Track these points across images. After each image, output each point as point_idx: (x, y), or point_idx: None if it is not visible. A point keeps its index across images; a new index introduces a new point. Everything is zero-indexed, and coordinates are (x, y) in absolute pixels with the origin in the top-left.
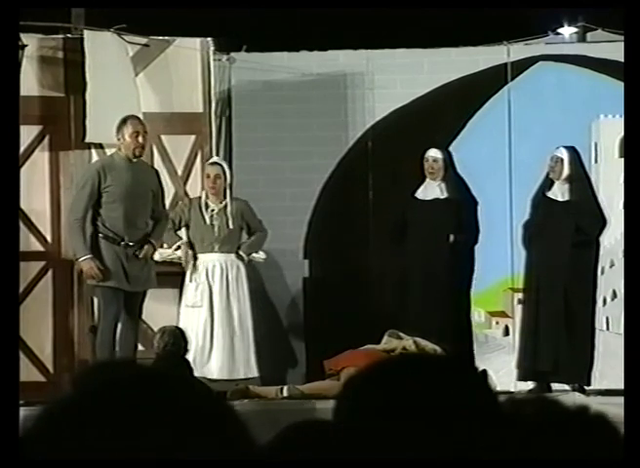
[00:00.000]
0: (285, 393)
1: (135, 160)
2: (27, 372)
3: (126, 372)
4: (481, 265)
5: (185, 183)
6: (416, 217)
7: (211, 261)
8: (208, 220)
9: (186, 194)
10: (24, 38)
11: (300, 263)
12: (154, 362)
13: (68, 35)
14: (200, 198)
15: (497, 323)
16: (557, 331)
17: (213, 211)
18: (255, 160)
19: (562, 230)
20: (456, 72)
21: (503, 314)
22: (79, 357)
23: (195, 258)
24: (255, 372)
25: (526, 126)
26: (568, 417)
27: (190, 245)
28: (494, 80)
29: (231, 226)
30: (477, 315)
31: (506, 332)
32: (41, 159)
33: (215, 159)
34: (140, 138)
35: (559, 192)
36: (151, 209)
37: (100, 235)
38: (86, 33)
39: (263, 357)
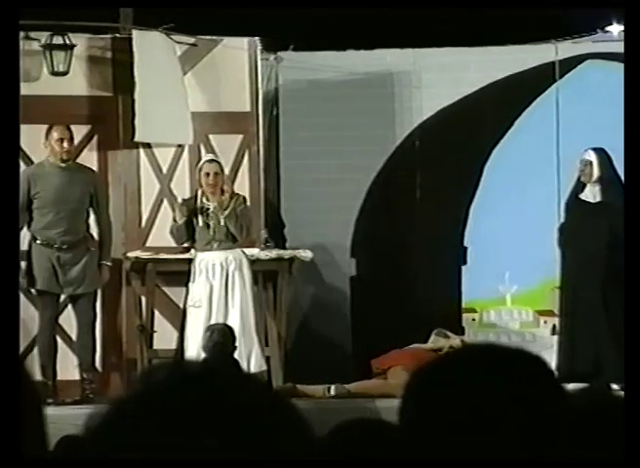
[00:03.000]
0: (332, 392)
1: (64, 165)
2: (73, 371)
3: (190, 371)
4: (528, 264)
5: (233, 182)
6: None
7: (210, 260)
8: (206, 218)
9: (235, 193)
10: (73, 38)
11: (347, 262)
12: (204, 360)
13: (117, 35)
14: (196, 196)
15: (545, 322)
16: (596, 331)
17: (209, 208)
18: (302, 159)
19: (596, 231)
20: (503, 71)
21: (551, 313)
22: (127, 355)
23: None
24: (262, 366)
25: (574, 124)
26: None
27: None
28: (541, 78)
29: (230, 224)
30: (525, 314)
31: (554, 331)
32: (89, 158)
33: (211, 156)
34: (66, 144)
35: (591, 194)
36: (92, 212)
37: (36, 240)
38: (134, 33)
39: (312, 356)
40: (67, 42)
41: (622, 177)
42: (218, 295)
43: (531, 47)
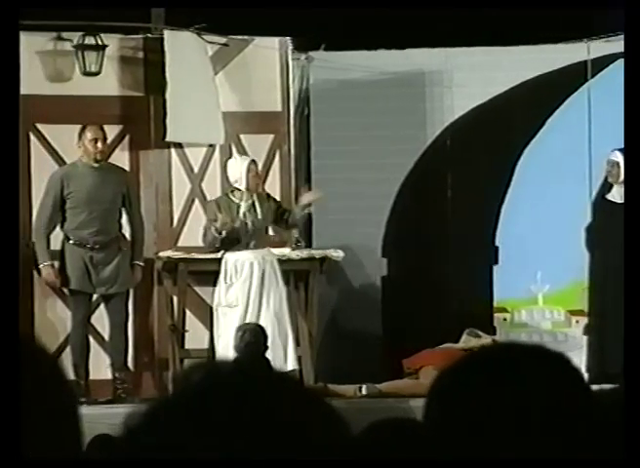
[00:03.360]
0: (364, 392)
1: (97, 165)
2: (106, 370)
3: (224, 372)
4: (560, 264)
5: (264, 182)
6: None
7: (247, 259)
8: (240, 218)
9: (265, 192)
10: (105, 38)
11: (378, 262)
12: (237, 361)
13: (148, 35)
14: (230, 198)
15: (576, 321)
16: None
17: (244, 208)
18: (333, 159)
19: (623, 231)
20: (534, 70)
21: (583, 313)
22: (159, 355)
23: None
24: (294, 365)
25: (606, 124)
26: None
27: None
28: (573, 78)
29: (264, 222)
30: (557, 314)
31: (586, 331)
32: (121, 158)
33: (252, 157)
34: (100, 144)
35: (618, 195)
36: (125, 212)
37: (69, 240)
38: (166, 33)
39: (343, 356)
40: (99, 42)
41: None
42: (255, 295)
43: (562, 46)
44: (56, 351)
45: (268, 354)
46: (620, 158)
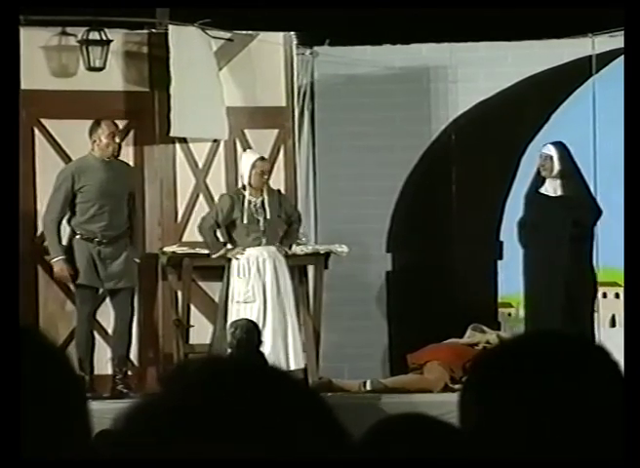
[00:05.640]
0: (368, 387)
1: (107, 159)
2: (109, 365)
3: (215, 369)
4: None
5: (269, 177)
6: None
7: (260, 255)
8: (253, 215)
9: (269, 187)
10: (109, 33)
11: (383, 257)
12: (229, 357)
13: (153, 30)
14: (242, 193)
15: None
16: (557, 323)
17: (255, 205)
18: (337, 154)
19: (558, 225)
20: (540, 65)
21: None
22: (164, 350)
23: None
24: (299, 363)
25: (611, 119)
26: None
27: (233, 241)
28: (578, 73)
29: (274, 218)
30: None
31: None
32: (126, 153)
33: (257, 153)
34: (117, 139)
35: (551, 188)
36: (129, 208)
37: (77, 235)
38: (170, 28)
39: (347, 351)
40: (104, 37)
41: (582, 170)
42: (271, 291)
43: (567, 41)
44: (61, 345)
45: (265, 349)
46: (552, 151)
